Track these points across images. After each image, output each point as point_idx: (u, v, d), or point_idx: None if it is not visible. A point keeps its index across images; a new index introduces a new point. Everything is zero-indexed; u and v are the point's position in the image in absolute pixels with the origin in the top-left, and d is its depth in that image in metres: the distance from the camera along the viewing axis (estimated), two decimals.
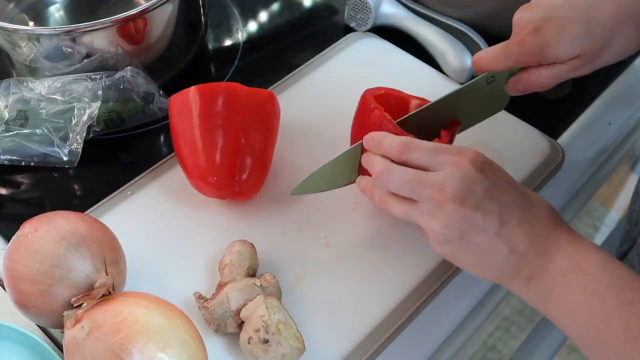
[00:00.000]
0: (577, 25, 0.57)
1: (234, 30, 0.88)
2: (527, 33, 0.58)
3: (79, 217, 0.56)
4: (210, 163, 0.62)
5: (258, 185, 0.66)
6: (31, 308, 0.53)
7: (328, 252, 0.64)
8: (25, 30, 0.71)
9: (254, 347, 0.54)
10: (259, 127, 0.64)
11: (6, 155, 0.70)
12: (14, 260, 0.53)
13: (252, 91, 0.65)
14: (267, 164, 0.66)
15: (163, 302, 0.53)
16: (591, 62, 0.59)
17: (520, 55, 0.59)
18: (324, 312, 0.60)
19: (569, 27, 0.57)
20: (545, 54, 0.58)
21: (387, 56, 0.82)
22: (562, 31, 0.57)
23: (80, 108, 0.70)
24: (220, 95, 0.63)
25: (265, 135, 0.65)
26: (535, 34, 0.58)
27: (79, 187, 0.72)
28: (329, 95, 0.77)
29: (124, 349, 0.48)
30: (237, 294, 0.56)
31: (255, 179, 0.64)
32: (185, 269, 0.63)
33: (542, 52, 0.58)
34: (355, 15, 0.85)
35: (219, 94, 0.63)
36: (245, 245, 0.60)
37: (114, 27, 0.70)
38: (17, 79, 0.73)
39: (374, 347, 0.58)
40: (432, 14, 0.83)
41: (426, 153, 0.54)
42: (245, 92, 0.64)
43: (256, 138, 0.64)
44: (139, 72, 0.73)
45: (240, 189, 0.64)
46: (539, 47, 0.58)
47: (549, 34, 0.57)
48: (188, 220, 0.66)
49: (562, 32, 0.57)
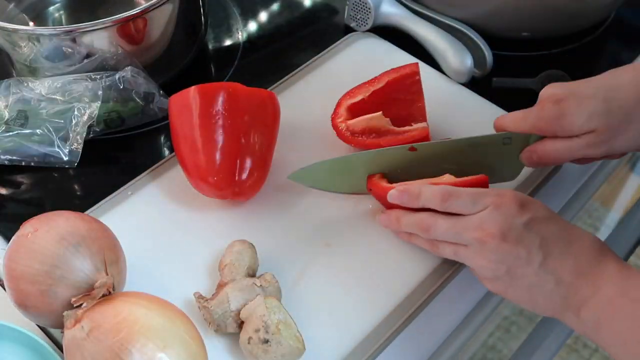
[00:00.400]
0: (596, 102, 0.60)
1: (234, 30, 0.88)
2: (549, 102, 0.61)
3: (79, 217, 0.56)
4: (210, 163, 0.62)
5: (258, 185, 0.66)
6: (31, 308, 0.53)
7: (328, 252, 0.64)
8: (25, 30, 0.71)
9: (254, 347, 0.54)
10: (259, 127, 0.64)
11: (6, 155, 0.70)
12: (14, 260, 0.53)
13: (252, 91, 0.65)
14: (267, 164, 0.66)
15: (163, 302, 0.53)
16: (607, 141, 0.61)
17: (538, 120, 0.62)
18: (324, 312, 0.60)
19: (589, 103, 0.60)
20: (561, 123, 0.60)
21: (387, 56, 0.82)
22: (581, 104, 0.60)
23: (81, 108, 0.70)
24: (220, 95, 0.63)
25: (265, 136, 0.65)
26: (555, 103, 0.61)
27: (79, 187, 0.72)
28: (329, 96, 0.77)
29: (124, 348, 0.48)
30: (237, 294, 0.56)
31: (255, 179, 0.64)
32: (185, 269, 0.63)
33: (559, 120, 0.60)
34: (355, 15, 0.85)
35: (218, 94, 0.63)
36: (245, 245, 0.61)
37: (114, 27, 0.70)
38: (17, 79, 0.73)
39: (374, 347, 0.58)
40: (432, 14, 0.83)
41: (467, 198, 0.57)
42: (245, 92, 0.64)
43: (256, 138, 0.64)
44: (139, 72, 0.73)
45: (240, 189, 0.64)
46: (557, 114, 0.60)
47: (568, 105, 0.60)
48: (188, 220, 0.66)
49: (581, 105, 0.60)
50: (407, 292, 0.61)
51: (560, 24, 0.83)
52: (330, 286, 0.62)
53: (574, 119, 0.60)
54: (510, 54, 0.84)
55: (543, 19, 0.81)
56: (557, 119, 0.60)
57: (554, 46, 0.85)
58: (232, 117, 0.62)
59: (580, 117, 0.60)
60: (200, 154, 0.63)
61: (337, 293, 0.61)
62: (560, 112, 0.60)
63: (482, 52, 0.80)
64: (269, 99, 0.66)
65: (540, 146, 0.63)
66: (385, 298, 0.61)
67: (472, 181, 0.60)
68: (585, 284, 0.53)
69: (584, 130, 0.60)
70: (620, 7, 0.87)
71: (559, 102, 0.60)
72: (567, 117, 0.60)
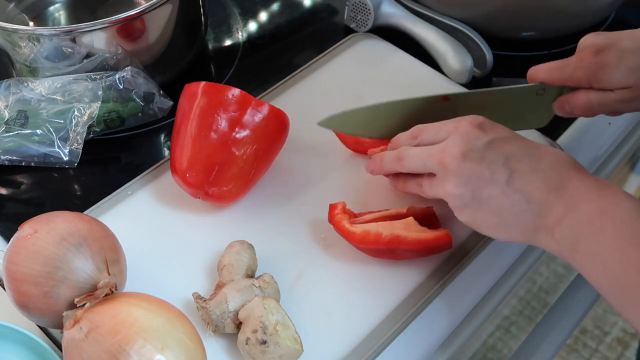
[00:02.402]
0: (636, 57, 0.58)
1: (234, 30, 0.88)
2: (588, 52, 0.60)
3: (78, 217, 0.56)
4: (192, 159, 0.62)
5: (234, 195, 0.65)
6: (33, 309, 0.53)
7: (327, 253, 0.64)
8: (25, 30, 0.71)
9: (252, 348, 0.54)
10: (257, 143, 0.63)
11: (6, 155, 0.70)
12: (15, 262, 0.53)
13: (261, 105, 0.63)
14: (253, 179, 0.65)
15: (162, 303, 0.53)
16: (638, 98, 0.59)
17: (576, 70, 0.60)
18: (323, 313, 0.60)
19: (629, 57, 0.58)
20: (599, 75, 0.59)
21: (388, 57, 0.82)
22: (621, 58, 0.58)
23: (80, 108, 0.70)
24: (229, 100, 0.62)
25: (261, 153, 0.64)
26: (595, 54, 0.59)
27: (79, 187, 0.72)
28: (329, 96, 0.77)
29: (122, 350, 0.48)
30: (235, 294, 0.56)
31: (231, 189, 0.64)
32: (184, 269, 0.63)
33: (597, 73, 0.59)
34: (355, 16, 0.85)
35: (228, 99, 0.62)
36: (244, 246, 0.61)
37: (114, 27, 0.70)
38: (17, 79, 0.73)
39: (373, 349, 0.58)
40: (432, 14, 0.83)
41: (432, 129, 0.57)
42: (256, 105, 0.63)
43: (249, 151, 0.63)
44: (139, 72, 0.73)
45: (213, 194, 0.63)
46: (596, 66, 0.59)
47: (608, 58, 0.59)
48: (188, 220, 0.66)
49: (621, 59, 0.58)
50: (407, 293, 0.61)
51: (560, 24, 0.82)
52: (329, 287, 0.62)
53: (613, 72, 0.58)
54: (510, 54, 0.84)
55: (543, 19, 0.81)
56: (596, 71, 0.59)
57: (554, 46, 0.85)
58: (232, 125, 0.62)
59: (619, 72, 0.58)
60: (187, 147, 0.63)
61: (336, 294, 0.61)
62: (599, 64, 0.59)
63: (482, 52, 0.80)
64: (280, 120, 0.65)
65: (574, 97, 0.62)
66: (385, 299, 0.61)
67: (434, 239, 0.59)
68: (560, 201, 0.51)
69: (620, 85, 0.59)
70: (620, 7, 0.86)
71: (599, 52, 0.59)
72: (606, 70, 0.59)
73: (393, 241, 0.59)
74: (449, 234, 0.59)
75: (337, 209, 0.63)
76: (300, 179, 0.69)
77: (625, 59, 0.58)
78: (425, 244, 0.59)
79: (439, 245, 0.59)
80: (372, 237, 0.59)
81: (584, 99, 0.62)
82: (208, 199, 0.64)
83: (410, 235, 0.59)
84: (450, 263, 0.63)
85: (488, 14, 0.81)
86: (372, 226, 0.60)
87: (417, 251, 0.60)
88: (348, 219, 0.61)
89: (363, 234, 0.60)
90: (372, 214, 0.63)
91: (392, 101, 0.64)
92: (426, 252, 0.61)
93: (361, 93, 0.77)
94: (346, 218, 0.62)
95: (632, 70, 0.58)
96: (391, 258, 0.62)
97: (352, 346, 0.58)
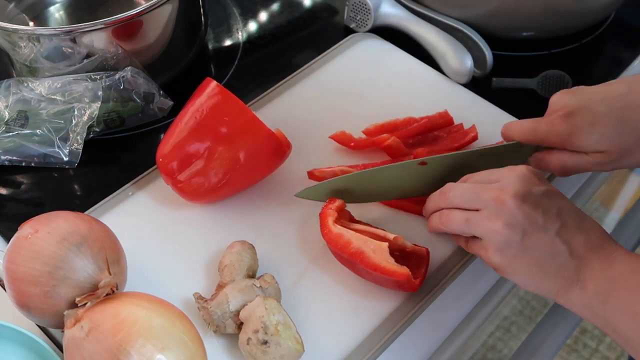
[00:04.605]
0: (609, 122, 0.58)
1: (234, 30, 0.88)
2: (560, 116, 0.60)
3: (78, 217, 0.56)
4: (175, 147, 0.62)
5: (204, 197, 0.64)
6: (34, 309, 0.53)
7: (328, 253, 0.63)
8: (25, 30, 0.71)
9: (253, 348, 0.54)
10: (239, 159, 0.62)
11: (6, 155, 0.70)
12: (15, 262, 0.53)
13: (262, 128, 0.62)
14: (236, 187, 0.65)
15: (163, 303, 0.53)
16: (615, 161, 0.60)
17: (548, 135, 0.61)
18: (324, 313, 0.60)
19: (601, 122, 0.58)
20: (572, 140, 0.59)
21: (388, 57, 0.82)
22: (594, 123, 0.58)
23: (81, 108, 0.70)
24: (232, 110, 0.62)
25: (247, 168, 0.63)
26: (567, 118, 0.59)
27: (79, 187, 0.72)
28: (330, 96, 0.77)
29: (122, 349, 0.48)
30: (236, 294, 0.56)
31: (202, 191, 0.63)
32: (185, 269, 0.63)
33: (569, 138, 0.59)
34: (355, 16, 0.85)
35: (231, 107, 0.62)
36: (245, 246, 0.61)
37: (114, 28, 0.70)
38: (17, 79, 0.73)
39: (373, 349, 0.58)
40: (432, 14, 0.83)
41: (485, 174, 0.57)
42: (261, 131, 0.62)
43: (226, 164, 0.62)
44: (139, 72, 0.73)
45: (182, 188, 0.63)
46: (568, 132, 0.59)
47: (580, 122, 0.59)
48: (188, 220, 0.66)
49: (593, 125, 0.58)
50: (407, 293, 0.61)
51: (560, 24, 0.82)
52: (330, 287, 0.62)
53: (585, 137, 0.59)
54: (510, 54, 0.84)
55: (543, 19, 0.81)
56: (568, 137, 0.59)
57: (554, 46, 0.85)
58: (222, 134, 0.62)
59: (591, 138, 0.58)
60: (175, 135, 0.63)
61: (337, 294, 0.61)
62: (570, 130, 0.59)
63: (482, 52, 0.80)
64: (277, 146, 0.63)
65: (548, 157, 0.63)
66: (386, 299, 0.61)
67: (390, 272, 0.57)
68: (597, 259, 0.52)
69: (593, 150, 0.59)
70: (620, 7, 0.86)
71: (570, 116, 0.59)
72: (578, 136, 0.59)
73: (356, 255, 0.58)
74: (408, 275, 0.57)
75: (332, 205, 0.62)
76: (299, 179, 0.69)
77: (597, 124, 0.58)
78: (382, 272, 0.57)
79: (397, 281, 0.57)
80: (342, 242, 0.58)
81: (558, 160, 0.62)
82: (177, 190, 0.64)
83: (373, 258, 0.57)
84: (451, 263, 0.63)
85: (488, 14, 0.81)
86: (349, 233, 0.59)
87: (373, 275, 0.58)
88: (336, 218, 0.61)
89: (337, 236, 0.59)
90: (362, 225, 0.62)
91: (367, 170, 0.64)
92: (383, 281, 0.59)
93: (361, 93, 0.77)
94: (334, 216, 0.61)
95: (604, 136, 0.58)
96: (353, 271, 0.60)
97: (354, 346, 0.58)
